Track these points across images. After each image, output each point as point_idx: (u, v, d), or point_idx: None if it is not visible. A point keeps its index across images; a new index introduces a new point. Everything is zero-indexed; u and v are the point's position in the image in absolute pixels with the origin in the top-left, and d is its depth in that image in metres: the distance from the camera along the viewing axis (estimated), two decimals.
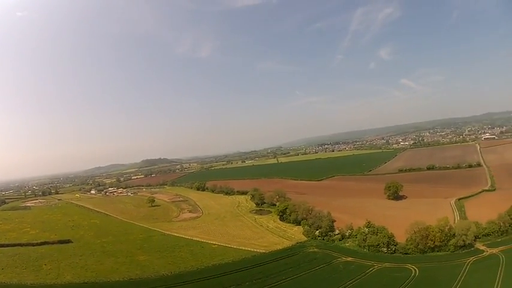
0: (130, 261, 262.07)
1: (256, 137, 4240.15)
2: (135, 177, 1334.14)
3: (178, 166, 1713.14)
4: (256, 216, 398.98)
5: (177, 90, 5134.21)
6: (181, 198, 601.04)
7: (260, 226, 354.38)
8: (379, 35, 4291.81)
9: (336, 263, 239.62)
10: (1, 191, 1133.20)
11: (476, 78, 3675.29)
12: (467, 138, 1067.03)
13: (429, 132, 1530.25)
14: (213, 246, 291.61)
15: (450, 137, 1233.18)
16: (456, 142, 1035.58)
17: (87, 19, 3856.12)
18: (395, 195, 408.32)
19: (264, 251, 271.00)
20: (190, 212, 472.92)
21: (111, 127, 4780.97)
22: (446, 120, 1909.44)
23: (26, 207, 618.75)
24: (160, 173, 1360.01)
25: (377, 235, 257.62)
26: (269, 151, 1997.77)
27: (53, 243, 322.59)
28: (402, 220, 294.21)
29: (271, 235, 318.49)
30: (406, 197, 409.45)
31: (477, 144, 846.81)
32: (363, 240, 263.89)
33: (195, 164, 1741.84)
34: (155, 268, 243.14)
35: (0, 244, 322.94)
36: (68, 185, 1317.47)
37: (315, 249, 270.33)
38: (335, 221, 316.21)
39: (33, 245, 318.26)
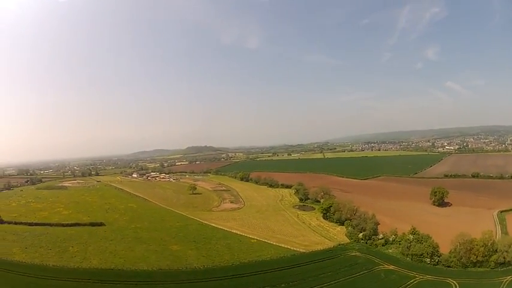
0: (162, 250, 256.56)
1: (303, 131, 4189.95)
2: (179, 163, 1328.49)
3: (223, 155, 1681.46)
4: (299, 212, 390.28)
5: (224, 79, 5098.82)
6: (223, 188, 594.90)
7: (302, 223, 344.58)
8: (426, 34, 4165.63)
9: (378, 271, 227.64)
10: (40, 170, 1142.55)
11: None
12: (510, 148, 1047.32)
13: (473, 138, 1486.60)
14: (252, 240, 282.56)
15: (493, 144, 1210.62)
16: (499, 151, 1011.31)
17: (130, 4, 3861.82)
18: (441, 201, 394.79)
19: (303, 250, 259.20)
20: (231, 202, 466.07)
21: (158, 112, 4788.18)
22: (490, 127, 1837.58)
23: (62, 187, 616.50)
24: (205, 161, 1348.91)
25: (421, 244, 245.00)
26: (316, 145, 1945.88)
27: (84, 225, 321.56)
28: (446, 229, 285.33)
29: (313, 234, 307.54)
30: (451, 204, 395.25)
31: None
32: (407, 248, 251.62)
33: (241, 154, 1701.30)
34: (187, 260, 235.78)
35: (29, 223, 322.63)
36: (110, 167, 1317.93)
37: (357, 253, 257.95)
38: (379, 223, 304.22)
39: (63, 225, 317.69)
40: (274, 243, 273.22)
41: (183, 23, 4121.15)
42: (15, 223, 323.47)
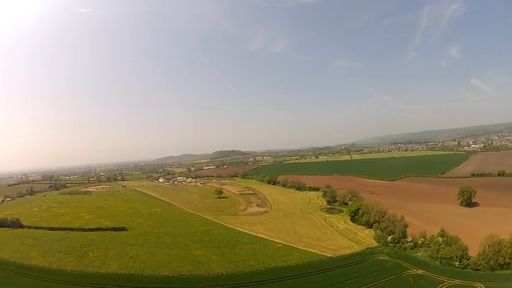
0: (185, 255, 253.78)
1: (330, 133, 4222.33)
2: (206, 167, 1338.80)
3: (251, 158, 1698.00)
4: (326, 215, 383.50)
5: (251, 85, 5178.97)
6: (250, 191, 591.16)
7: (330, 226, 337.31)
8: (448, 32, 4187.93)
9: (406, 276, 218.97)
10: (65, 175, 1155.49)
11: None
12: None
13: (497, 136, 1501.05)
14: (278, 245, 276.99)
15: None
16: None
17: (154, 16, 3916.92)
18: (468, 201, 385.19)
19: (331, 255, 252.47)
20: (258, 206, 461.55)
21: (187, 119, 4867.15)
22: None
23: (85, 192, 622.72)
24: (232, 165, 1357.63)
25: (451, 246, 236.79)
26: (343, 147, 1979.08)
27: (106, 229, 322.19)
28: (474, 230, 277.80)
29: (341, 237, 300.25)
30: (479, 204, 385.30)
31: None
32: (436, 251, 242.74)
33: (268, 157, 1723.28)
34: (210, 265, 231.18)
35: (49, 227, 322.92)
36: (137, 172, 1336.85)
37: (385, 257, 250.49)
38: (407, 226, 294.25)
39: (84, 230, 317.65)
40: (300, 248, 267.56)
41: (208, 34, 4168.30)
42: (36, 228, 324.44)
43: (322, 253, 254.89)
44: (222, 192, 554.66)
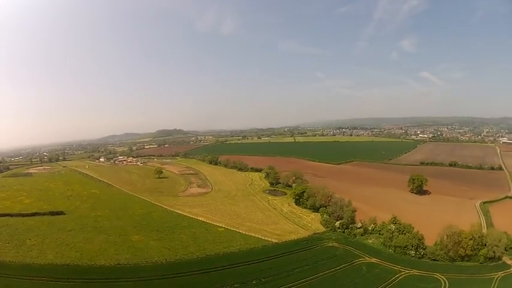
0: (122, 241, 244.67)
1: (274, 115, 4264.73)
2: (148, 146, 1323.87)
3: (193, 138, 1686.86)
4: (269, 197, 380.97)
5: (197, 65, 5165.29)
6: (191, 171, 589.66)
7: (273, 209, 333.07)
8: (403, 26, 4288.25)
9: (359, 264, 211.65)
10: (10, 157, 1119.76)
11: (496, 80, 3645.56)
12: (486, 140, 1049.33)
13: (447, 128, 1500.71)
14: (219, 229, 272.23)
15: (468, 135, 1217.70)
16: (475, 141, 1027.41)
17: None
18: (419, 189, 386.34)
19: (276, 240, 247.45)
20: (199, 186, 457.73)
21: (131, 98, 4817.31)
22: (465, 119, 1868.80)
23: (27, 174, 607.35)
24: (173, 144, 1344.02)
25: (405, 234, 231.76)
26: (286, 130, 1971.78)
27: (44, 214, 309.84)
28: (427, 218, 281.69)
29: (285, 221, 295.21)
30: (430, 192, 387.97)
31: (497, 147, 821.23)
32: (389, 238, 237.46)
33: (211, 137, 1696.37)
34: (148, 252, 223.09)
35: None
36: (79, 152, 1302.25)
37: (335, 244, 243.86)
38: (356, 211, 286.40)
39: (23, 215, 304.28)
40: (243, 232, 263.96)
41: (154, 11, 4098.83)
42: None
43: (266, 238, 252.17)
44: (162, 172, 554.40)
